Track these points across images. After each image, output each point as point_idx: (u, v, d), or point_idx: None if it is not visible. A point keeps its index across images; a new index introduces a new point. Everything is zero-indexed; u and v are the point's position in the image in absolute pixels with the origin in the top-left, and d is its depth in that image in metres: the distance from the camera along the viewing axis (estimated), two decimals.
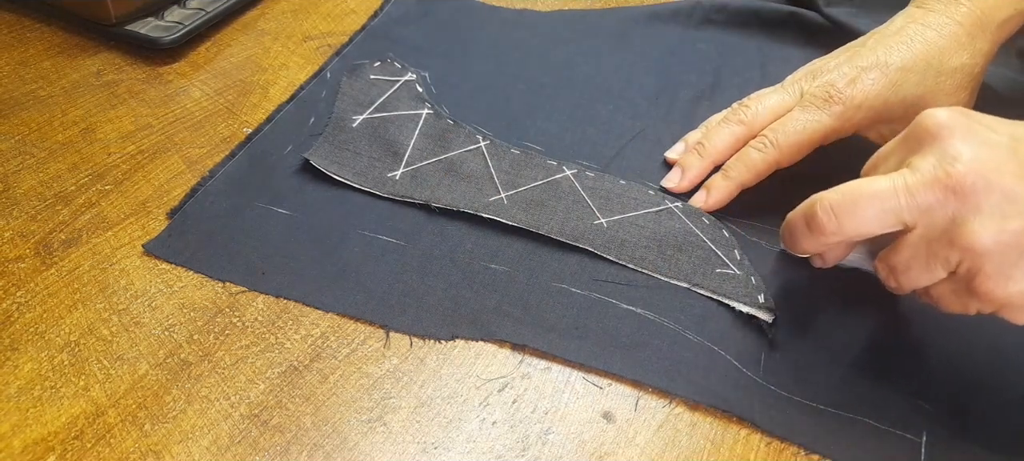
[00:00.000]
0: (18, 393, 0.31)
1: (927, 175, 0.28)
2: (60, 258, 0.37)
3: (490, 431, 0.31)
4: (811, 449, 0.31)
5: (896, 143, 0.31)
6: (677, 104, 0.49)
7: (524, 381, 0.33)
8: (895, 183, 0.28)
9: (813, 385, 0.33)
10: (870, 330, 0.35)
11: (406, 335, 0.34)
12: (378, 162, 0.42)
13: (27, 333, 0.33)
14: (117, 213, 0.39)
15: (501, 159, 0.42)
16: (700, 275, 0.37)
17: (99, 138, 0.44)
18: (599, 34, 0.55)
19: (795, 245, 0.33)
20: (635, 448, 0.31)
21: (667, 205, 0.40)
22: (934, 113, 0.29)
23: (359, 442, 0.30)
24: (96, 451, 0.29)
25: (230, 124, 0.45)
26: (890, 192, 0.28)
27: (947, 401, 0.32)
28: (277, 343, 0.34)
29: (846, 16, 0.53)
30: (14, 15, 0.53)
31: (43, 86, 0.47)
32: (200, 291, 0.36)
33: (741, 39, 0.55)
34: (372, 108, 0.45)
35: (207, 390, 0.32)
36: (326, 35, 0.54)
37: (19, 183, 0.41)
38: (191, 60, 0.50)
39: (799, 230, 0.32)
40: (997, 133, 0.28)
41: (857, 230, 0.30)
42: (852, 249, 0.35)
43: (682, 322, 0.35)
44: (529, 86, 0.49)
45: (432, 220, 0.39)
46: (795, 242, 0.33)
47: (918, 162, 0.28)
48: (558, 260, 0.38)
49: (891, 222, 0.29)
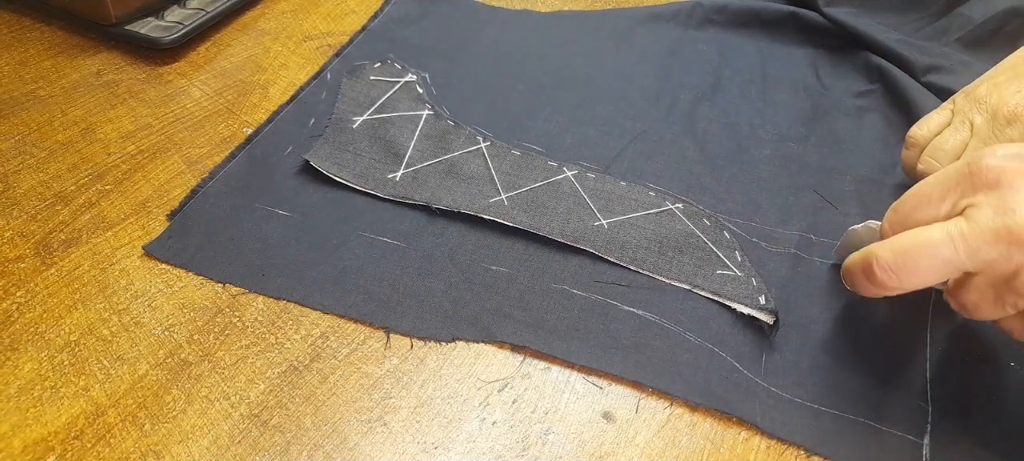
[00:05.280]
0: (18, 393, 0.31)
1: (985, 227, 0.27)
2: (60, 258, 0.37)
3: (490, 431, 0.31)
4: (812, 451, 0.31)
5: (949, 181, 0.29)
6: (678, 105, 0.49)
7: (524, 381, 0.33)
8: (952, 236, 0.27)
9: (814, 386, 0.33)
10: (871, 331, 0.35)
11: (406, 336, 0.34)
12: (378, 163, 0.42)
13: (27, 333, 0.33)
14: (117, 213, 0.39)
15: (502, 160, 0.42)
16: (701, 276, 0.37)
17: (99, 138, 0.44)
18: (599, 35, 0.55)
19: (858, 291, 0.32)
20: (635, 448, 0.31)
21: (668, 206, 0.40)
22: (992, 154, 0.28)
23: (359, 442, 0.30)
24: (96, 451, 0.29)
25: (230, 124, 0.45)
26: (948, 246, 0.27)
27: (949, 402, 0.32)
28: (277, 343, 0.34)
29: (846, 16, 0.53)
30: (14, 15, 0.53)
31: (43, 86, 0.47)
32: (200, 291, 0.36)
33: (741, 39, 0.55)
34: (372, 109, 0.45)
35: (207, 390, 0.32)
36: (326, 35, 0.54)
37: (19, 183, 0.41)
38: (191, 60, 0.50)
39: (859, 282, 0.31)
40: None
41: (918, 284, 0.29)
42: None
43: (683, 323, 0.35)
44: (529, 87, 0.49)
45: (432, 221, 0.39)
46: (857, 290, 0.32)
47: (975, 213, 0.27)
48: (559, 261, 0.38)
49: (952, 273, 0.28)
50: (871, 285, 0.30)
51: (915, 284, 0.29)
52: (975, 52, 0.51)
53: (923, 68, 0.49)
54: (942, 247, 0.28)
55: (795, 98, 0.50)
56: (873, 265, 0.30)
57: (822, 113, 0.49)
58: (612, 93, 0.49)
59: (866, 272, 0.30)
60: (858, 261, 0.31)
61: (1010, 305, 0.28)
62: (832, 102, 0.50)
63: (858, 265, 0.31)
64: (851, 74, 0.52)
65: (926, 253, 0.28)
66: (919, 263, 0.28)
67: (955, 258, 0.28)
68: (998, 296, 0.28)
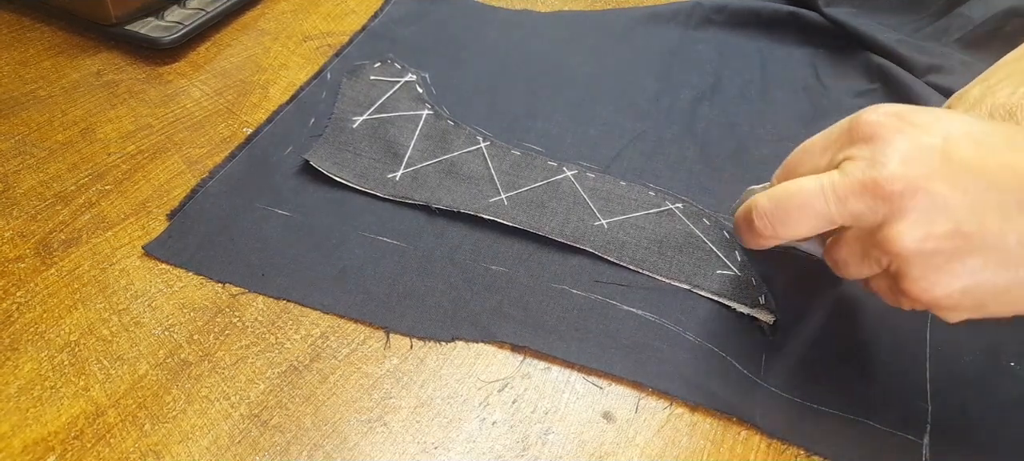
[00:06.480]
0: (18, 393, 0.31)
1: (855, 179, 0.27)
2: (60, 258, 0.37)
3: (490, 431, 0.31)
4: (812, 450, 0.31)
5: (831, 138, 0.30)
6: (678, 105, 0.49)
7: (524, 381, 0.33)
8: (824, 187, 0.28)
9: (814, 386, 0.33)
10: (871, 331, 0.35)
11: (406, 336, 0.34)
12: (378, 163, 0.42)
13: (27, 333, 0.33)
14: (117, 213, 0.39)
15: (501, 160, 0.42)
16: (700, 276, 0.37)
17: (99, 138, 0.44)
18: (599, 34, 0.55)
19: (743, 242, 0.33)
20: (635, 448, 0.31)
21: (668, 206, 0.40)
22: (870, 112, 0.29)
23: (359, 442, 0.30)
24: (96, 451, 0.29)
25: (230, 124, 0.45)
26: (819, 197, 0.28)
27: (948, 402, 0.32)
28: (277, 343, 0.34)
29: (846, 16, 0.53)
30: (14, 15, 0.53)
31: (43, 86, 0.47)
32: (200, 291, 0.36)
33: (741, 39, 0.55)
34: (372, 109, 0.45)
35: (207, 390, 0.32)
36: (326, 35, 0.54)
37: (19, 183, 0.41)
38: (191, 60, 0.50)
39: (742, 230, 0.32)
40: (930, 135, 0.27)
41: (792, 234, 0.30)
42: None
43: (683, 323, 0.35)
44: (529, 87, 0.49)
45: (432, 221, 0.39)
46: (742, 241, 0.33)
47: (848, 165, 0.28)
48: (558, 261, 0.38)
49: (823, 225, 0.29)
50: (751, 234, 0.31)
51: (790, 234, 0.30)
52: (975, 52, 0.51)
53: (923, 68, 0.49)
54: (814, 198, 0.28)
55: (795, 98, 0.50)
56: (752, 212, 0.30)
57: (822, 113, 0.48)
58: (612, 93, 0.49)
59: (747, 220, 0.31)
60: (743, 211, 0.32)
61: (874, 261, 0.28)
62: (832, 102, 0.49)
63: (742, 214, 0.32)
64: (851, 74, 0.52)
65: (798, 202, 0.29)
66: (792, 213, 0.29)
67: (825, 209, 0.28)
68: (865, 251, 0.28)
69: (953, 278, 0.26)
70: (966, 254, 0.26)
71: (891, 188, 0.26)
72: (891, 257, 0.27)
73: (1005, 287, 0.26)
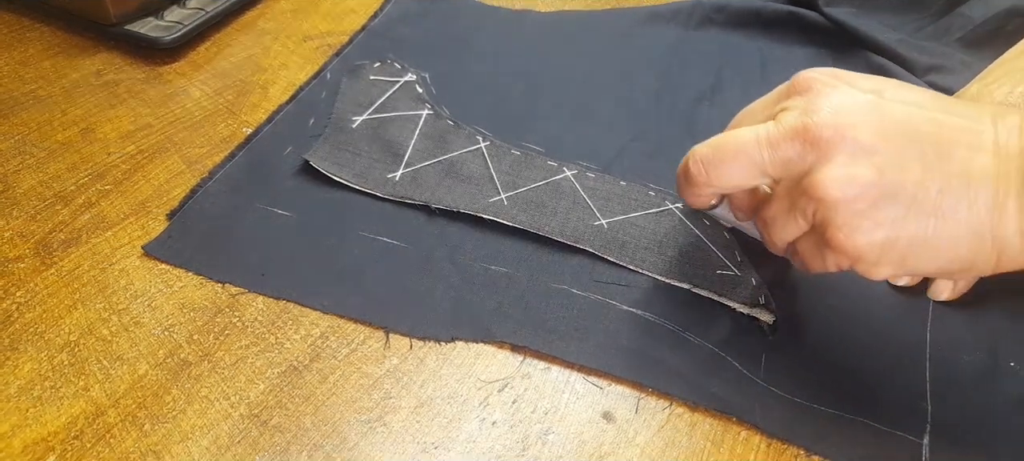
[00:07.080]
0: (18, 393, 0.31)
1: (787, 126, 0.28)
2: (60, 258, 0.37)
3: (490, 431, 0.31)
4: (812, 450, 0.31)
5: (775, 94, 0.31)
6: (678, 105, 0.49)
7: (524, 381, 0.33)
8: (759, 135, 0.29)
9: (814, 386, 0.33)
10: (871, 331, 0.35)
11: (406, 336, 0.34)
12: (378, 163, 0.42)
13: (27, 333, 0.33)
14: (117, 213, 0.39)
15: (501, 160, 0.42)
16: (700, 276, 0.37)
17: (99, 138, 0.44)
18: (599, 34, 0.55)
19: (681, 196, 0.34)
20: (635, 448, 0.31)
21: (668, 206, 0.40)
22: (809, 70, 0.30)
23: (359, 442, 0.30)
24: (96, 451, 0.29)
25: (230, 124, 0.45)
26: (753, 144, 0.29)
27: (948, 402, 0.32)
28: (277, 343, 0.34)
29: (846, 16, 0.53)
30: (14, 15, 0.53)
31: (43, 86, 0.47)
32: (200, 291, 0.36)
33: (741, 39, 0.55)
34: (372, 109, 0.45)
35: (207, 390, 0.32)
36: (326, 35, 0.54)
37: (19, 183, 0.41)
38: (191, 60, 0.50)
39: (681, 182, 0.33)
40: (862, 90, 0.28)
41: (726, 182, 0.30)
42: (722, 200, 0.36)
43: (682, 323, 0.35)
44: (529, 86, 0.49)
45: (432, 221, 0.39)
46: (681, 194, 0.33)
47: (782, 115, 0.29)
48: (558, 261, 0.37)
49: (756, 174, 0.29)
50: (687, 183, 0.32)
51: (724, 182, 0.30)
52: (976, 52, 0.51)
53: (923, 68, 0.49)
54: (749, 145, 0.29)
55: None
56: (689, 159, 0.31)
57: None
58: (612, 93, 0.49)
59: (684, 168, 0.32)
60: (682, 162, 0.32)
61: (800, 213, 0.29)
62: None
63: (682, 166, 0.32)
64: None
65: (733, 149, 0.29)
66: (726, 160, 0.30)
67: (758, 156, 0.29)
68: (793, 202, 0.29)
69: (875, 225, 0.27)
70: (888, 200, 0.26)
71: (819, 133, 0.27)
72: (816, 203, 0.28)
73: (924, 238, 0.27)
